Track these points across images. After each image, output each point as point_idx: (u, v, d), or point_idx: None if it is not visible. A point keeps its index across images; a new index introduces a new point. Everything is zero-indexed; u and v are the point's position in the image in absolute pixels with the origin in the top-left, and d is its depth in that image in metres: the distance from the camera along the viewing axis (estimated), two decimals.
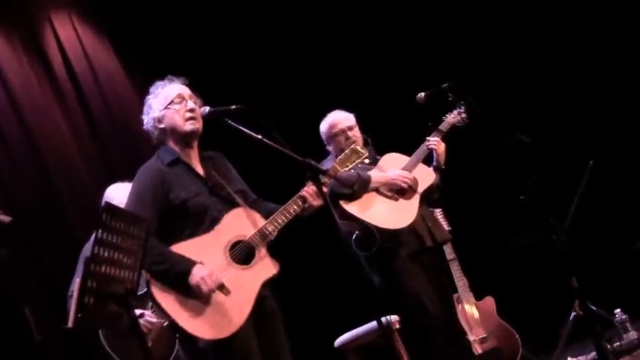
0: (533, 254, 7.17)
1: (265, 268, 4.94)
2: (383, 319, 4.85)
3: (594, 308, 6.48)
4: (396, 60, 9.05)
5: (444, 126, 6.69)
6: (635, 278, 8.06)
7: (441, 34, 9.12)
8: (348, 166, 5.23)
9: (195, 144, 5.14)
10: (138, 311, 5.32)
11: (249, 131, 4.86)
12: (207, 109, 5.03)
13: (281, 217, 4.99)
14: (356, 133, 6.65)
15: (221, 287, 4.77)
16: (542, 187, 5.98)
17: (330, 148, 6.71)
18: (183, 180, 4.99)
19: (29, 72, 8.01)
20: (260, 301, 4.89)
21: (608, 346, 6.60)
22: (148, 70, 8.33)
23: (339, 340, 6.90)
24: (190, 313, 4.69)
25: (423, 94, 6.63)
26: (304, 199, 5.01)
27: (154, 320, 5.64)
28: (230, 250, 4.90)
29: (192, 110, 5.04)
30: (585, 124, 8.79)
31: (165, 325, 5.52)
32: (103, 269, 3.80)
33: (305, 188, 5.02)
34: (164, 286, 4.71)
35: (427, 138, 6.66)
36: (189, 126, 5.03)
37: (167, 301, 4.67)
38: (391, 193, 6.38)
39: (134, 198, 4.93)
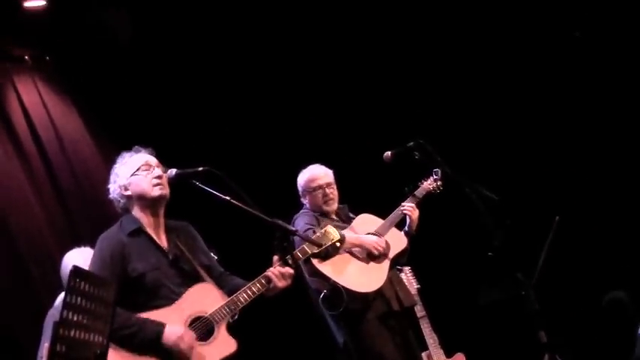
0: (502, 310, 7.18)
1: (223, 345, 4.92)
2: None
3: None
4: (364, 118, 9.09)
5: (419, 192, 6.78)
6: (604, 331, 8.08)
7: (409, 93, 9.18)
8: (317, 250, 5.23)
9: (162, 212, 5.13)
10: None
11: (217, 193, 4.86)
12: (174, 171, 5.02)
13: (243, 296, 4.97)
14: (334, 191, 6.69)
15: None
16: (509, 243, 6.01)
17: (305, 201, 6.74)
18: (143, 252, 4.97)
19: None
20: None
21: None
22: (114, 135, 8.35)
23: None
24: None
25: (389, 152, 6.69)
26: (269, 280, 5.00)
27: None
28: (190, 325, 4.88)
29: (159, 177, 5.04)
30: (551, 181, 8.86)
31: None
32: (72, 333, 3.74)
33: (271, 268, 5.02)
34: (119, 356, 4.65)
35: (402, 203, 6.70)
36: (157, 191, 5.03)
37: None
38: (363, 256, 6.38)
39: (93, 268, 4.89)
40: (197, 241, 5.28)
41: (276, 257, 5.04)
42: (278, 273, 4.99)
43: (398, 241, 6.60)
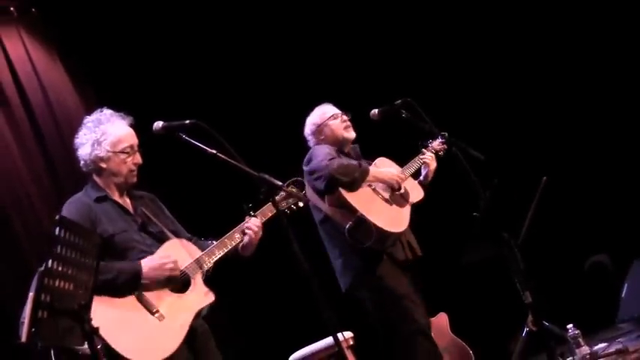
0: (486, 270, 7.18)
1: (201, 297, 4.96)
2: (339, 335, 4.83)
3: (547, 324, 6.49)
4: (350, 76, 9.06)
5: (433, 147, 6.78)
6: (587, 294, 8.11)
7: (397, 51, 9.15)
8: (281, 206, 5.25)
9: None
10: None
11: (203, 146, 4.83)
12: (160, 123, 4.97)
13: (218, 250, 5.04)
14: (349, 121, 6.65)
15: (156, 312, 4.75)
16: (496, 203, 6.00)
17: (321, 137, 6.61)
18: (111, 216, 4.99)
19: None
20: (193, 328, 4.89)
21: None
22: (98, 88, 8.32)
23: (293, 357, 6.85)
24: (124, 336, 4.61)
25: (376, 110, 6.65)
26: (243, 232, 5.08)
27: None
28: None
29: (138, 164, 5.11)
30: (539, 141, 8.86)
31: None
32: (57, 284, 3.73)
33: (245, 223, 5.10)
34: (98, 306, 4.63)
35: (422, 151, 6.73)
36: (131, 178, 5.11)
37: (101, 323, 4.56)
38: (386, 195, 6.35)
39: None
40: (162, 209, 5.34)
41: (248, 216, 5.16)
42: (252, 226, 5.10)
43: (416, 192, 6.59)
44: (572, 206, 8.66)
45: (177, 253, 4.96)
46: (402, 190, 6.48)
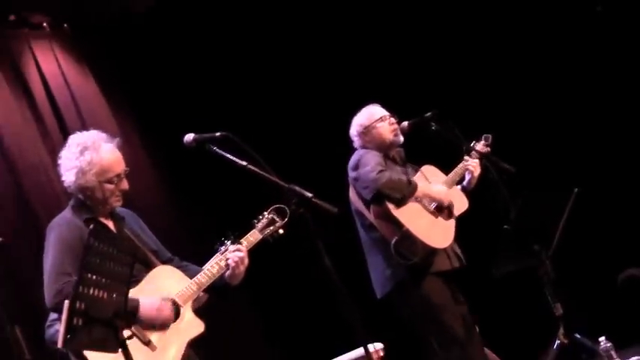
0: (517, 282, 7.17)
1: (191, 326, 4.93)
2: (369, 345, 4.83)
3: (579, 336, 6.46)
4: (380, 88, 9.08)
5: (477, 152, 6.67)
6: (620, 306, 8.05)
7: (424, 64, 9.15)
8: (264, 233, 5.26)
9: None
10: None
11: (234, 158, 4.85)
12: (192, 136, 4.98)
13: (205, 277, 5.00)
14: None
15: (148, 342, 4.68)
16: (527, 215, 5.99)
17: (367, 139, 6.56)
18: None
19: (12, 103, 7.90)
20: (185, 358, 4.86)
21: None
22: (130, 102, 8.38)
23: None
24: None
25: (406, 123, 6.64)
26: (227, 263, 5.03)
27: None
28: None
29: (124, 190, 5.05)
30: (570, 152, 8.82)
31: None
32: (91, 292, 3.77)
33: (229, 255, 5.06)
34: None
35: (466, 157, 6.62)
36: (115, 203, 5.05)
37: (93, 354, 4.44)
38: (431, 208, 6.30)
39: (56, 252, 4.83)
40: (143, 228, 5.30)
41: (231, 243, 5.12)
42: (237, 258, 5.05)
43: (461, 202, 6.53)
44: (605, 218, 8.62)
45: (165, 280, 4.96)
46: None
